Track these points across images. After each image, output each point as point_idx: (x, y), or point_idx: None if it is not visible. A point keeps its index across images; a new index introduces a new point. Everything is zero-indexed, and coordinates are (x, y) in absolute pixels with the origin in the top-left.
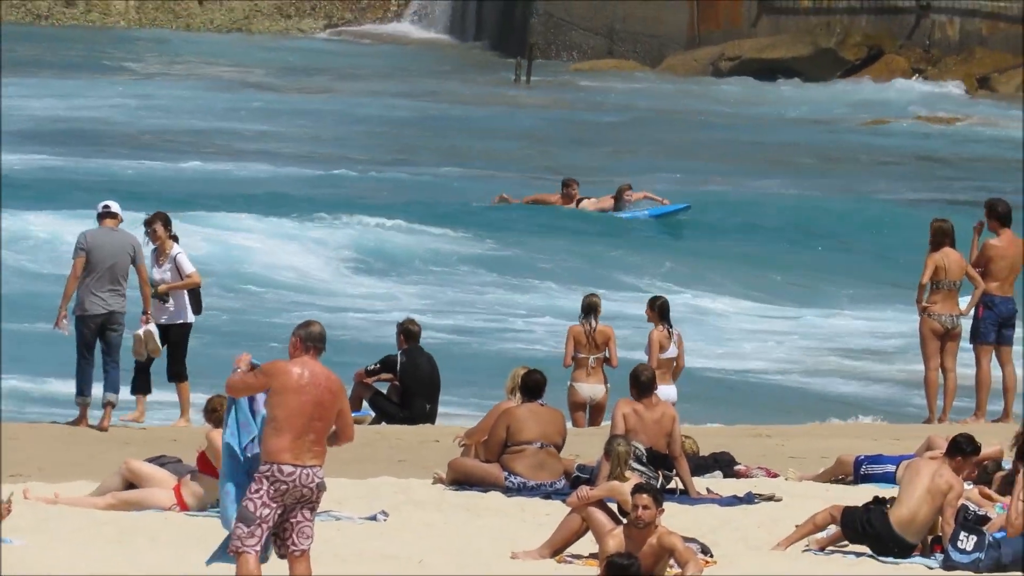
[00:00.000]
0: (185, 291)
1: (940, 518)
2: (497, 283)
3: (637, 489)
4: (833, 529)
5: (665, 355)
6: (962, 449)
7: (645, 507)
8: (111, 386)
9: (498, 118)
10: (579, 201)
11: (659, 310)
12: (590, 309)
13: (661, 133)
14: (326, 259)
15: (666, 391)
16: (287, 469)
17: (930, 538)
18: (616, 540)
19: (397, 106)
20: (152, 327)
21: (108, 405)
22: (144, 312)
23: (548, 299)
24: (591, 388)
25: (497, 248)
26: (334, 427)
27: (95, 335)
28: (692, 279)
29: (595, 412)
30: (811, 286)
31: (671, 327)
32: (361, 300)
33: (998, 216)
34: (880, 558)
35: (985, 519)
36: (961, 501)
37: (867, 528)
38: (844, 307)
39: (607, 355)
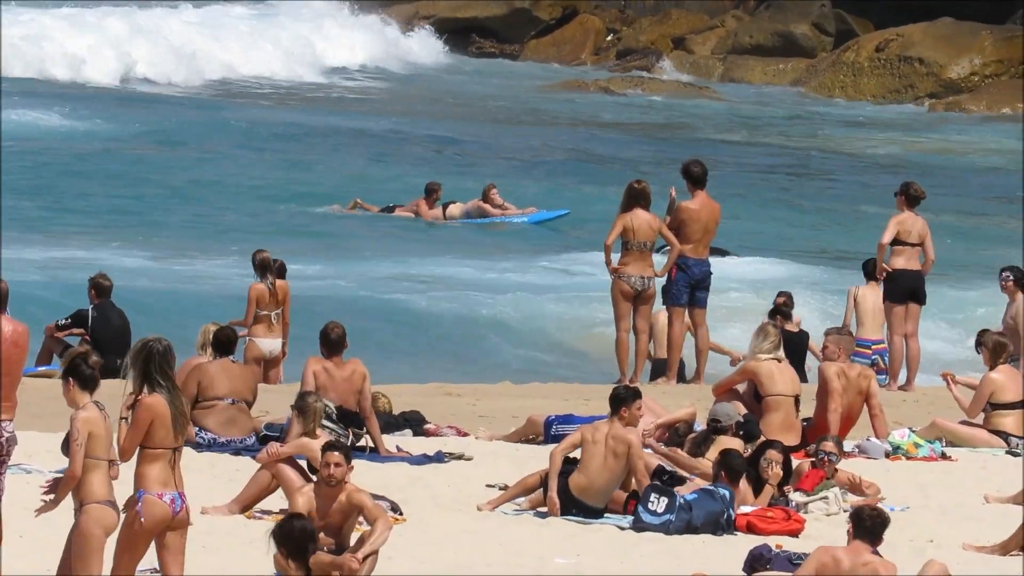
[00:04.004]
0: None
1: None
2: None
3: (328, 447)
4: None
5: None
6: (622, 399)
7: (336, 464)
8: None
9: None
10: (445, 207)
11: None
12: (264, 266)
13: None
14: None
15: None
16: None
17: (626, 496)
18: (305, 497)
19: None
20: None
21: None
22: None
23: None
24: (271, 343)
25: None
26: None
27: None
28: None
29: (270, 366)
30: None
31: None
32: None
33: (692, 178)
34: (568, 518)
35: (679, 480)
36: (659, 461)
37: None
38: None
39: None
